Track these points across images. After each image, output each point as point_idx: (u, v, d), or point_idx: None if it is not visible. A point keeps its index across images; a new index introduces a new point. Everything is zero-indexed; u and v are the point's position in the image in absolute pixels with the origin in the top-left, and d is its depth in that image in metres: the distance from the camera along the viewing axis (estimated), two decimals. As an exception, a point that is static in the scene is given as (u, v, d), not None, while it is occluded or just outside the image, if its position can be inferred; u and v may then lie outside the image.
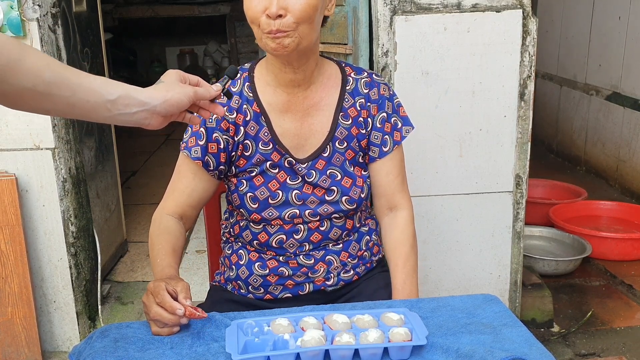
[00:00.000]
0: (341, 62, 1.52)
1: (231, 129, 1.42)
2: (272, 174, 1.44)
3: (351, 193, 1.45)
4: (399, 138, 1.50)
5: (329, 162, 1.45)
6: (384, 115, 1.48)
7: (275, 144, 1.43)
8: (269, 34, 1.29)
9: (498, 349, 1.09)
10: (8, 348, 2.36)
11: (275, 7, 1.27)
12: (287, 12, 1.28)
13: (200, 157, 1.42)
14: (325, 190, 1.44)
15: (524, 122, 2.23)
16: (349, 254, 1.51)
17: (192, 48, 6.90)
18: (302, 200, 1.44)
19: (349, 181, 1.46)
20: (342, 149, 1.46)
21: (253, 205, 1.43)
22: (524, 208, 2.33)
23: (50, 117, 2.24)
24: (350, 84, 1.47)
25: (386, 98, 1.49)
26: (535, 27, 2.17)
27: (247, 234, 1.48)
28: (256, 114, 1.43)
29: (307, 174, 1.44)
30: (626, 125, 4.02)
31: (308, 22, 1.30)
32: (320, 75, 1.45)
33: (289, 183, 1.44)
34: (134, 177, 4.53)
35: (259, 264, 1.49)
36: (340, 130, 1.46)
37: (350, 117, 1.46)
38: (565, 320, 2.66)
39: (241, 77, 1.45)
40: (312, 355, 1.07)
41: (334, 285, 1.51)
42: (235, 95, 1.43)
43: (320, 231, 1.47)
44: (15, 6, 2.11)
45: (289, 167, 1.44)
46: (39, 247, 2.37)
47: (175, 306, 1.15)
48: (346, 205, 1.45)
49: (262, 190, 1.43)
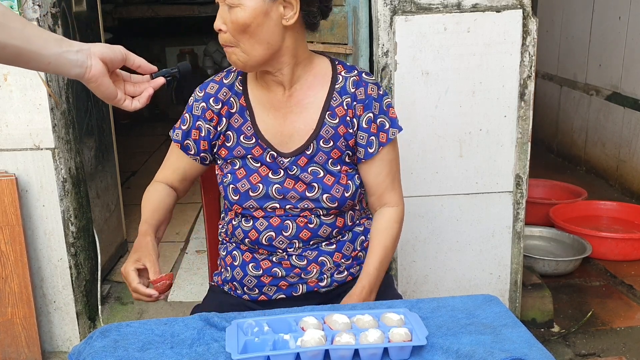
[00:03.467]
0: (335, 60, 1.51)
1: (214, 119, 1.48)
2: (254, 168, 1.47)
3: (332, 191, 1.45)
4: (385, 140, 1.48)
5: (311, 159, 1.46)
6: (370, 115, 1.47)
7: (257, 138, 1.47)
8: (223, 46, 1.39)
9: (498, 350, 1.09)
10: (8, 348, 2.37)
11: (218, 21, 1.37)
12: (226, 27, 1.36)
13: (179, 140, 1.52)
14: (306, 186, 1.46)
15: (524, 122, 2.23)
16: (342, 255, 1.51)
17: (192, 48, 6.90)
18: (282, 195, 1.46)
19: (331, 179, 1.46)
20: (327, 148, 1.46)
21: (234, 196, 1.47)
22: (524, 208, 2.33)
23: (50, 117, 2.24)
24: (339, 82, 1.47)
25: (374, 98, 1.47)
26: (536, 27, 2.17)
27: (239, 232, 1.50)
28: (242, 107, 1.48)
29: (290, 167, 1.46)
30: (626, 125, 4.02)
31: (247, 37, 1.35)
32: (306, 74, 1.46)
33: (271, 177, 1.47)
34: (134, 177, 4.53)
35: (252, 265, 1.51)
36: (327, 129, 1.46)
37: (337, 116, 1.46)
38: (565, 320, 2.66)
39: (236, 71, 1.51)
40: (312, 355, 1.07)
41: (328, 287, 1.51)
42: (225, 87, 1.49)
43: (309, 228, 1.47)
44: (15, 6, 2.11)
45: (271, 162, 1.47)
46: (39, 247, 2.37)
47: (147, 293, 1.31)
48: (327, 202, 1.45)
49: (244, 183, 1.46)
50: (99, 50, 1.11)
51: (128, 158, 4.61)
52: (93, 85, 1.12)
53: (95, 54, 1.10)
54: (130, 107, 1.19)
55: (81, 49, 1.09)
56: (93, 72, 1.10)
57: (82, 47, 1.10)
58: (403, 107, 2.17)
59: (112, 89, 1.14)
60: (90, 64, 1.10)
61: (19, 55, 1.03)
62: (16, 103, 2.23)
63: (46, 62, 1.06)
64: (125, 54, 1.15)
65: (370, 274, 1.48)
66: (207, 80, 1.52)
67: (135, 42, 6.69)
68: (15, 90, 2.22)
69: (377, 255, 1.49)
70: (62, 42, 1.07)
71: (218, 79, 1.51)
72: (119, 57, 1.14)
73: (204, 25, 6.66)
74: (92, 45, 1.11)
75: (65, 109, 2.35)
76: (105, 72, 1.11)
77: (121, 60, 1.15)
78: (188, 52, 6.85)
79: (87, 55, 1.09)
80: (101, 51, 1.11)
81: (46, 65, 1.07)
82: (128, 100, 1.19)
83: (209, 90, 1.49)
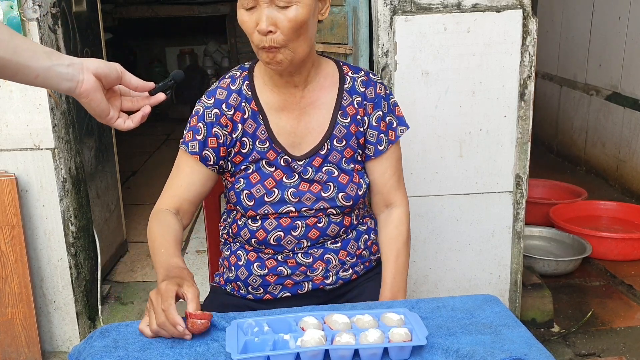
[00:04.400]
0: (339, 61, 1.53)
1: (229, 125, 1.44)
2: (268, 172, 1.45)
3: (348, 189, 1.46)
4: (394, 137, 1.51)
5: (325, 159, 1.46)
6: (379, 113, 1.49)
7: (271, 142, 1.44)
8: (263, 49, 1.32)
9: (498, 350, 1.09)
10: (8, 348, 2.36)
11: (265, 23, 1.28)
12: (277, 28, 1.29)
13: (197, 152, 1.43)
14: (321, 187, 1.45)
15: (524, 122, 2.23)
16: (347, 253, 1.52)
17: (192, 48, 6.90)
18: (297, 198, 1.45)
19: (346, 178, 1.47)
20: (341, 147, 1.47)
21: (249, 202, 1.44)
22: (524, 208, 2.33)
23: (50, 117, 2.24)
24: (348, 82, 1.48)
25: (382, 97, 1.50)
26: (536, 27, 2.17)
27: (245, 232, 1.49)
28: (254, 112, 1.45)
29: (304, 171, 1.45)
30: (626, 125, 4.02)
31: (297, 37, 1.32)
32: (317, 75, 1.46)
33: (285, 181, 1.45)
34: (134, 177, 4.53)
35: (257, 264, 1.50)
36: (339, 128, 1.47)
37: (349, 115, 1.47)
38: (565, 320, 2.66)
39: (241, 76, 1.47)
40: (312, 355, 1.07)
41: (333, 284, 1.52)
42: (234, 93, 1.45)
43: (318, 227, 1.47)
44: (15, 6, 2.11)
45: (285, 165, 1.45)
46: (39, 247, 2.37)
47: (176, 321, 1.13)
48: (342, 201, 1.46)
49: (258, 188, 1.44)
50: (93, 65, 1.07)
51: (128, 158, 4.62)
52: (84, 101, 1.08)
53: (89, 68, 1.06)
54: (122, 126, 1.13)
55: (73, 62, 1.05)
56: (85, 86, 1.06)
57: (74, 60, 1.06)
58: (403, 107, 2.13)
59: (104, 105, 1.09)
60: (83, 79, 1.05)
61: (4, 68, 0.99)
62: (16, 103, 2.23)
63: (34, 75, 1.02)
64: (121, 72, 1.11)
65: (389, 283, 1.50)
66: (212, 88, 1.47)
67: (135, 42, 6.72)
68: (15, 90, 2.22)
69: (392, 264, 1.51)
70: (51, 55, 1.03)
71: (224, 84, 1.46)
72: (114, 75, 1.10)
73: (204, 25, 6.69)
74: (85, 60, 1.07)
75: (65, 109, 2.35)
76: (98, 87, 1.07)
77: (116, 77, 1.10)
78: (188, 52, 6.85)
79: (79, 69, 1.05)
80: (96, 66, 1.07)
81: (34, 78, 1.02)
82: (121, 119, 1.13)
83: (219, 97, 1.44)
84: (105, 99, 1.09)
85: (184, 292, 1.17)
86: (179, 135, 1.60)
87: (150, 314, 1.17)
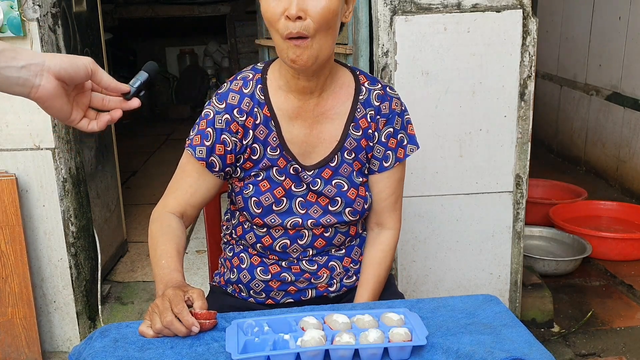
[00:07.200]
0: (355, 69, 1.47)
1: (240, 132, 1.38)
2: (278, 181, 1.41)
3: (355, 205, 1.43)
4: (402, 155, 1.46)
5: (336, 172, 1.43)
6: (390, 130, 1.44)
7: (282, 149, 1.40)
8: (289, 38, 1.24)
9: (498, 350, 1.09)
10: (8, 348, 2.37)
11: (295, 8, 1.21)
12: (307, 14, 1.22)
13: (204, 158, 1.38)
14: (329, 200, 1.43)
15: (524, 122, 2.23)
16: (351, 260, 1.51)
17: (192, 48, 6.90)
18: (305, 209, 1.42)
19: (355, 192, 1.43)
20: (350, 160, 1.43)
21: (256, 209, 1.41)
22: (524, 208, 2.33)
23: (51, 117, 2.24)
24: (364, 93, 1.43)
25: (397, 113, 1.44)
26: (536, 27, 2.17)
27: (251, 237, 1.47)
28: (266, 117, 1.39)
29: (312, 182, 1.42)
30: (626, 126, 4.02)
31: (326, 29, 1.25)
32: (333, 83, 1.41)
33: (294, 190, 1.42)
34: (134, 177, 4.53)
35: (261, 269, 1.48)
36: (350, 140, 1.43)
37: (361, 128, 1.43)
38: (565, 320, 2.66)
39: (254, 79, 1.40)
40: (312, 355, 1.07)
41: (337, 291, 1.51)
42: (246, 97, 1.38)
43: (325, 237, 1.45)
44: (15, 6, 2.11)
45: (294, 174, 1.42)
46: (39, 247, 2.37)
47: (192, 323, 1.13)
48: (349, 216, 1.43)
49: (267, 196, 1.41)
50: (56, 65, 0.95)
51: (128, 158, 4.62)
52: (41, 106, 0.96)
53: (50, 70, 0.94)
54: (85, 128, 1.03)
55: (29, 63, 0.92)
56: (40, 93, 0.94)
57: (32, 61, 0.93)
58: (403, 107, 2.16)
59: (64, 110, 0.98)
60: (38, 84, 0.93)
61: None
62: (16, 103, 2.23)
63: None
64: (92, 69, 0.99)
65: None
66: (224, 90, 1.40)
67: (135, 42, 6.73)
68: (15, 90, 2.21)
69: (370, 287, 1.47)
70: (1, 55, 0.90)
71: (237, 88, 1.39)
72: (82, 74, 0.98)
73: (204, 25, 6.69)
74: (48, 59, 0.94)
75: (65, 109, 2.35)
76: (59, 93, 0.95)
77: (85, 76, 0.99)
78: (188, 52, 6.86)
79: (36, 72, 0.93)
80: (59, 66, 0.95)
81: None
82: (85, 120, 1.02)
83: (231, 101, 1.37)
84: (68, 102, 0.99)
85: (190, 295, 1.17)
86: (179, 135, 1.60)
87: (154, 316, 1.16)
